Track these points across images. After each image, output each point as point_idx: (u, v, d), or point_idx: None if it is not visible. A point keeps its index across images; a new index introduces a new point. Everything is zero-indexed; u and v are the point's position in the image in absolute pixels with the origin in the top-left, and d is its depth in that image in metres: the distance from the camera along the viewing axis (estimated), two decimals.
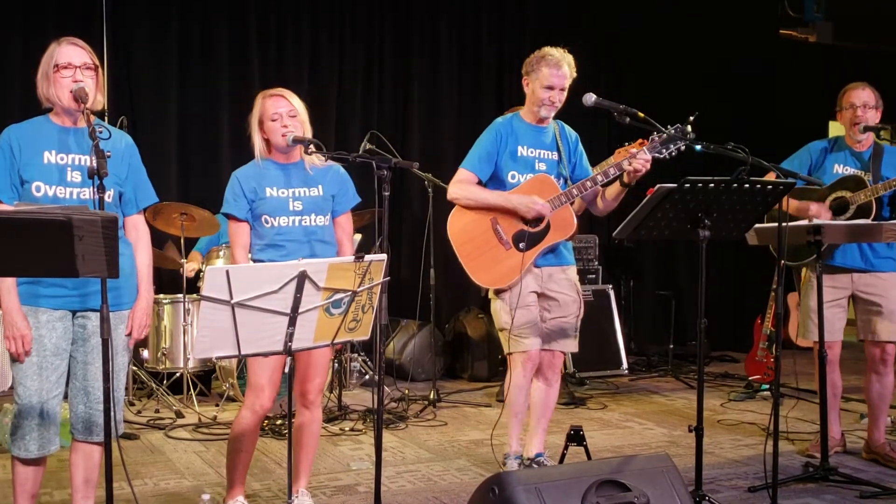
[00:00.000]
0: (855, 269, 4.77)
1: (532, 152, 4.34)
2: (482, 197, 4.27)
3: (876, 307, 4.76)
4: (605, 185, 4.26)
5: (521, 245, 4.24)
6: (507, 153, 4.30)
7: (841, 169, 4.85)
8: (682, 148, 4.07)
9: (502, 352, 4.48)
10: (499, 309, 4.34)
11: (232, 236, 3.80)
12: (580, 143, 4.48)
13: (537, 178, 4.29)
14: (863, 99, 4.82)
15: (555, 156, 4.38)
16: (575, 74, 4.31)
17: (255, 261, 3.76)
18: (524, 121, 4.38)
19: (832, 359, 4.77)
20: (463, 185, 4.30)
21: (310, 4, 7.74)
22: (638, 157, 4.05)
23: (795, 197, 4.81)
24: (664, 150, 4.06)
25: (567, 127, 4.51)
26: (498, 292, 4.31)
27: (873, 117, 4.84)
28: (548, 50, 4.30)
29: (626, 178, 4.14)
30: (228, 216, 3.78)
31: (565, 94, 4.30)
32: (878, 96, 4.87)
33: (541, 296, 4.34)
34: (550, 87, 4.25)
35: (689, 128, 4.00)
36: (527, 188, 4.27)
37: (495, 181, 4.32)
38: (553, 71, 4.24)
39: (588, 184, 4.21)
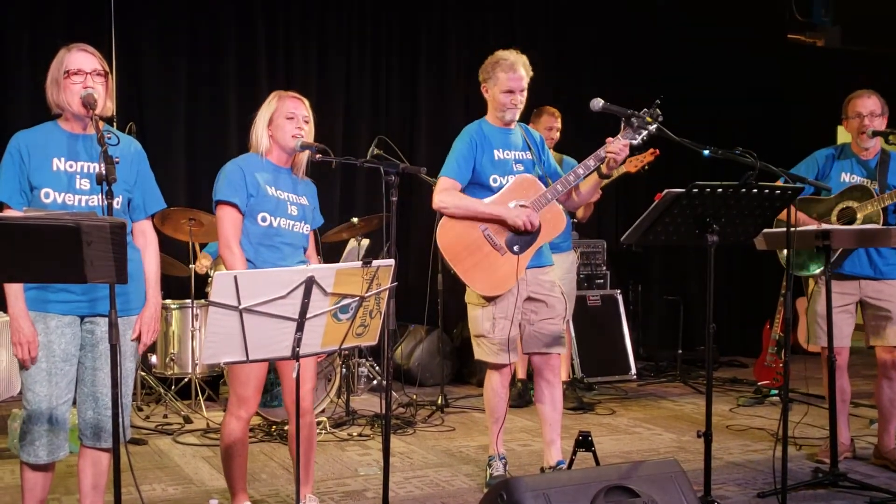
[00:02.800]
0: (863, 277, 4.77)
1: (508, 154, 4.35)
2: (472, 207, 4.24)
3: (885, 312, 4.76)
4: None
5: (516, 248, 4.23)
6: (483, 157, 4.30)
7: (848, 177, 4.85)
8: (654, 131, 4.09)
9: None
10: (480, 316, 4.33)
11: (227, 227, 3.65)
12: (545, 144, 4.57)
13: (521, 180, 4.30)
14: (869, 107, 4.82)
15: (529, 155, 4.41)
16: (532, 73, 4.35)
17: (247, 260, 3.67)
18: (492, 125, 4.41)
19: (841, 364, 4.77)
20: (450, 194, 4.27)
21: (318, 10, 7.76)
22: (614, 143, 4.09)
23: (802, 209, 4.81)
24: (637, 136, 4.10)
25: (530, 128, 4.57)
26: (488, 299, 4.28)
27: (880, 124, 4.83)
28: (501, 54, 4.35)
29: (604, 168, 4.18)
30: (227, 204, 3.64)
31: (525, 94, 4.35)
32: (884, 102, 4.86)
33: (527, 299, 4.34)
34: (510, 91, 4.29)
35: (657, 111, 4.04)
36: (512, 190, 4.28)
37: (478, 186, 4.30)
38: (510, 75, 4.28)
39: (570, 177, 4.23)
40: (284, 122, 3.70)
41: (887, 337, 4.76)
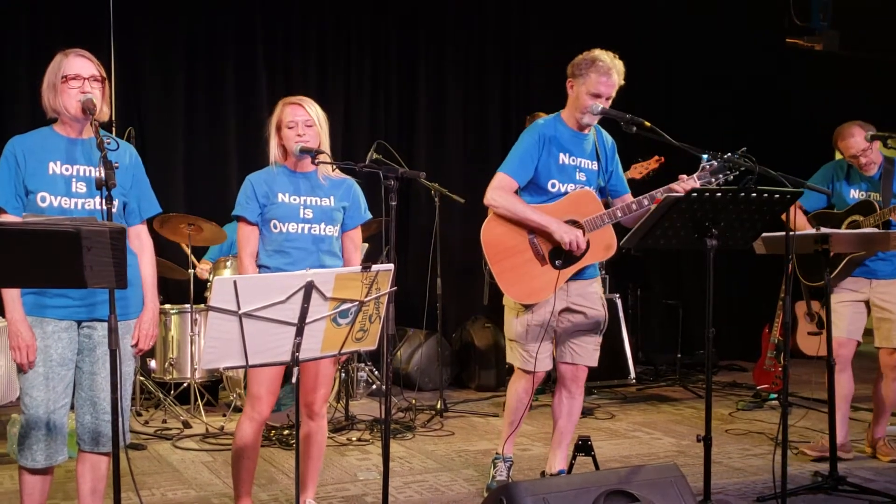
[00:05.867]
0: (874, 277, 4.93)
1: (573, 160, 4.18)
2: (522, 213, 4.07)
3: (887, 314, 4.89)
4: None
5: (558, 262, 4.09)
6: (548, 159, 4.13)
7: (856, 194, 5.04)
8: (731, 178, 3.99)
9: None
10: (514, 320, 4.22)
11: (240, 240, 3.80)
12: (616, 151, 4.37)
13: (580, 195, 4.15)
14: (861, 146, 4.95)
15: (594, 165, 4.24)
16: (623, 82, 4.13)
17: (261, 266, 3.77)
18: (566, 125, 4.20)
19: (846, 356, 4.93)
20: (503, 194, 4.11)
21: (317, 15, 7.77)
22: (688, 185, 3.93)
23: (813, 223, 4.97)
24: (714, 180, 3.97)
25: (604, 132, 4.36)
26: (524, 306, 4.17)
27: (875, 150, 4.98)
28: (598, 54, 4.10)
29: None
30: (239, 218, 3.79)
31: (610, 102, 4.13)
32: (866, 130, 4.96)
33: (566, 310, 4.23)
34: (597, 95, 4.06)
35: (742, 159, 3.84)
36: (570, 202, 4.13)
37: (534, 188, 4.16)
38: (603, 79, 4.05)
39: (633, 206, 4.08)
40: (287, 130, 3.74)
41: (890, 338, 4.90)
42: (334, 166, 3.85)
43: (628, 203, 4.14)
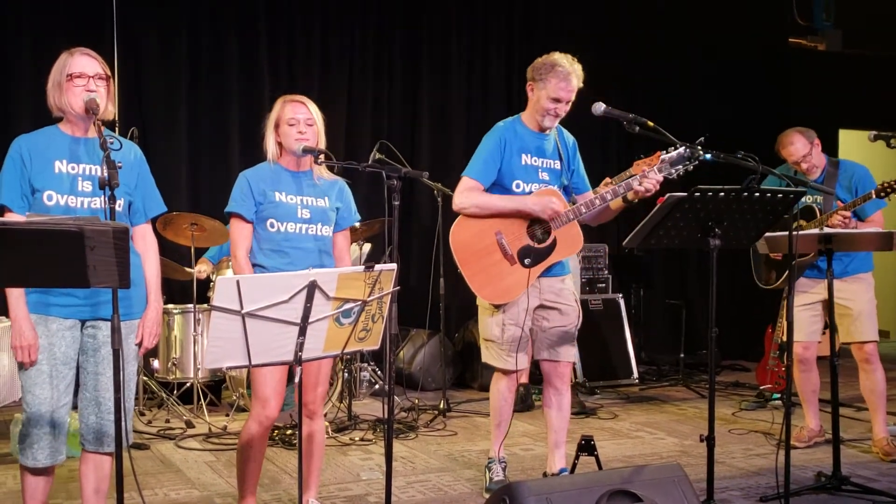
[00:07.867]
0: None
1: (536, 161, 4.25)
2: (493, 203, 4.16)
3: (847, 311, 4.99)
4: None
5: (527, 261, 4.16)
6: (510, 160, 4.20)
7: (807, 199, 5.09)
8: (691, 168, 4.03)
9: None
10: (489, 320, 4.29)
11: (235, 237, 3.76)
12: (577, 150, 4.43)
13: (545, 192, 4.21)
14: (799, 154, 5.05)
15: (557, 164, 4.31)
16: (582, 85, 4.21)
17: (257, 265, 3.74)
18: (527, 127, 4.28)
19: (809, 357, 5.15)
20: (470, 194, 4.19)
21: (319, 14, 7.77)
22: (649, 178, 3.98)
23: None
24: (674, 171, 4.01)
25: (565, 131, 4.43)
26: (496, 305, 4.23)
27: (817, 154, 5.07)
28: (558, 58, 4.19)
29: (630, 196, 4.09)
30: (235, 215, 3.74)
31: (570, 105, 4.21)
32: (806, 136, 5.05)
33: (539, 307, 4.29)
34: (557, 100, 4.15)
35: (699, 149, 3.92)
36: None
37: (499, 189, 4.22)
38: (562, 84, 4.13)
39: (597, 201, 4.13)
40: (287, 128, 3.73)
41: (852, 334, 5.03)
42: (334, 167, 3.84)
43: (591, 199, 4.19)
